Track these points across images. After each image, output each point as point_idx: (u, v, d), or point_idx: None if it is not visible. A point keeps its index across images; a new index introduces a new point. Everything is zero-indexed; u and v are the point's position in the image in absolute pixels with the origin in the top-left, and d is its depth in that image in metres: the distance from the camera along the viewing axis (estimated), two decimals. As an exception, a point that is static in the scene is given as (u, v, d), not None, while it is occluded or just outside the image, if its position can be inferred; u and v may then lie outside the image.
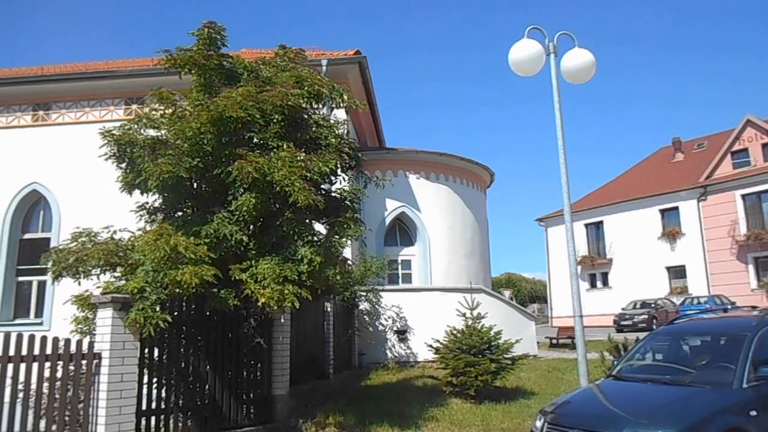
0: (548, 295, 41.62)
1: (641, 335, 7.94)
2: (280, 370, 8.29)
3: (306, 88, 8.07)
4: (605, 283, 37.37)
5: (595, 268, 37.52)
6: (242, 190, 7.17)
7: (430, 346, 10.81)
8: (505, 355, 10.20)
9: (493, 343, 10.22)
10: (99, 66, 16.12)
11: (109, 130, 7.59)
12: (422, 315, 14.88)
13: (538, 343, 17.40)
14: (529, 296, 54.71)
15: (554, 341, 20.71)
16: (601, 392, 5.98)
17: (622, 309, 30.18)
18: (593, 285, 37.79)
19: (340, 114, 12.13)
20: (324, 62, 14.27)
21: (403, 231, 17.57)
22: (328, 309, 11.52)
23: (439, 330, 10.92)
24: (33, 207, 15.07)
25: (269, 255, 7.12)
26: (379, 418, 8.33)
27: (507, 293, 41.38)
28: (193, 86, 8.20)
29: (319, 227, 8.11)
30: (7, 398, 6.33)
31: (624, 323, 27.64)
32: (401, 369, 13.90)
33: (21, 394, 6.36)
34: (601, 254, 37.32)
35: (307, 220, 7.60)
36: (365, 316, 14.88)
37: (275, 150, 7.34)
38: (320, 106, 8.89)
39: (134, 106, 14.80)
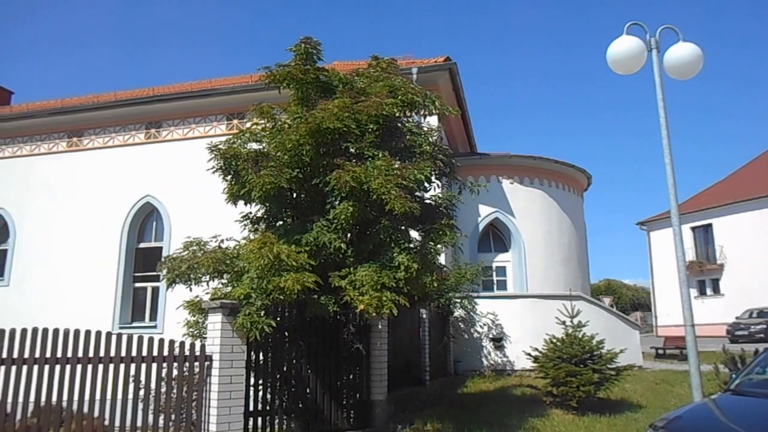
0: (652, 302, 39.46)
1: (760, 346, 7.36)
2: (379, 375, 8.39)
3: (399, 97, 8.16)
4: (716, 290, 34.93)
5: (703, 274, 35.16)
6: (340, 199, 7.36)
7: (529, 354, 10.56)
8: (609, 366, 9.77)
9: (595, 353, 9.83)
10: (203, 84, 17.10)
11: (216, 144, 8.03)
12: (518, 322, 14.58)
13: (643, 353, 16.52)
14: (631, 304, 52.10)
15: (661, 352, 19.59)
16: (719, 408, 5.59)
17: (737, 318, 28.08)
18: (702, 292, 35.41)
19: (433, 121, 12.18)
20: (414, 71, 14.37)
21: (497, 237, 17.32)
22: (424, 316, 11.55)
23: (537, 338, 10.65)
24: (147, 218, 16.19)
25: (367, 262, 7.25)
26: (477, 427, 8.24)
27: (607, 300, 39.56)
28: (291, 100, 8.52)
29: (415, 234, 8.17)
30: (116, 395, 6.83)
31: (739, 333, 25.71)
32: (498, 377, 13.66)
33: (138, 393, 6.87)
34: (711, 259, 34.92)
35: (403, 228, 7.66)
36: (460, 323, 14.77)
37: (371, 159, 7.48)
38: (413, 114, 8.97)
39: (235, 121, 15.57)
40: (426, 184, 8.08)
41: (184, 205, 15.20)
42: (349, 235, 7.70)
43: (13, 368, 6.67)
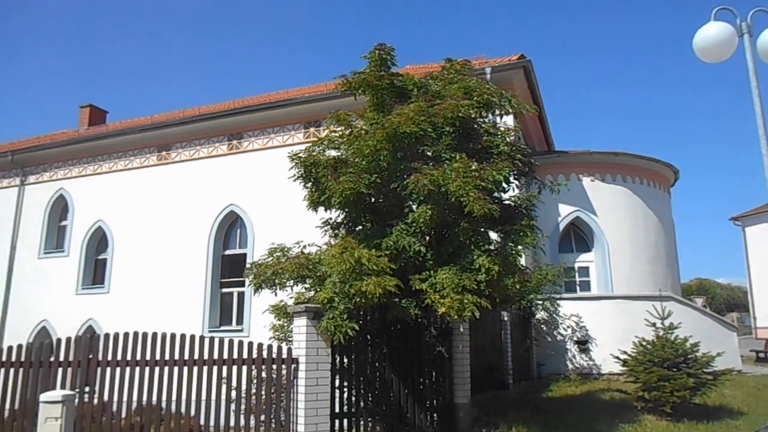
0: (750, 302, 36.91)
1: None
2: (461, 378, 8.35)
3: (475, 98, 8.11)
4: (822, 289, 32.31)
5: (808, 272, 32.60)
6: (418, 203, 7.39)
7: (617, 357, 10.15)
8: (705, 370, 9.25)
9: (689, 356, 9.33)
10: (280, 95, 17.64)
11: (296, 153, 8.26)
12: (604, 324, 14.07)
13: (741, 356, 15.53)
14: (726, 304, 49.20)
15: (762, 355, 18.35)
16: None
17: None
18: (807, 291, 32.84)
19: (509, 120, 12.02)
20: (488, 71, 14.20)
21: (578, 237, 16.80)
22: (505, 318, 11.38)
23: (624, 341, 10.23)
24: (231, 226, 16.85)
25: (447, 265, 7.24)
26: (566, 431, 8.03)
27: (699, 301, 37.43)
28: (366, 106, 8.65)
29: (494, 236, 8.09)
30: (210, 396, 7.14)
31: None
32: (584, 381, 13.24)
33: (230, 394, 7.16)
34: (816, 255, 32.33)
35: (483, 230, 7.60)
36: (542, 326, 14.44)
37: (448, 161, 7.48)
38: (489, 114, 8.88)
39: (312, 129, 15.95)
40: (504, 185, 7.98)
41: (266, 213, 15.71)
42: (428, 238, 7.72)
43: (118, 369, 7.13)
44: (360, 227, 8.43)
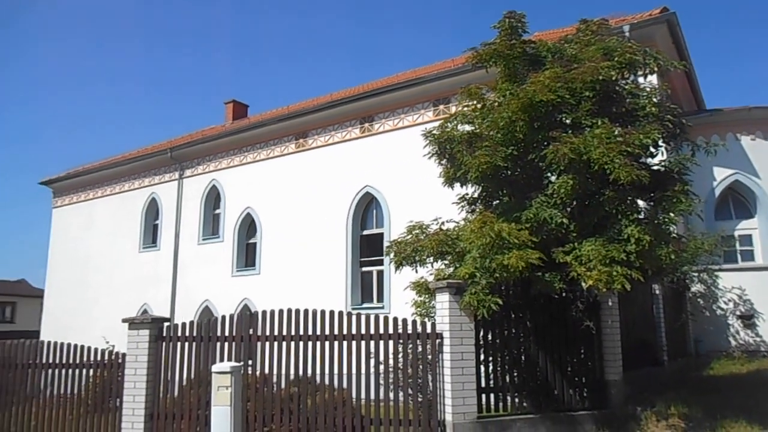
0: None
1: None
2: (612, 354, 8.00)
3: (616, 58, 7.64)
4: None
5: None
6: (558, 173, 7.13)
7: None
8: None
9: None
10: (408, 75, 17.76)
11: (430, 131, 8.30)
12: (774, 298, 12.75)
13: None
14: None
15: None
16: None
17: None
18: None
19: (653, 80, 11.15)
20: (626, 28, 13.22)
21: (738, 202, 15.26)
22: (657, 292, 10.71)
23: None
24: (367, 207, 17.36)
25: (591, 236, 6.95)
26: (732, 414, 7.42)
27: None
28: (498, 77, 8.45)
29: (642, 204, 7.61)
30: (360, 370, 7.43)
31: None
32: (750, 359, 12.14)
33: (378, 368, 7.42)
34: None
35: (630, 198, 7.18)
36: (698, 300, 13.40)
37: (589, 128, 7.13)
38: (631, 75, 8.31)
39: (441, 106, 15.89)
40: (652, 149, 7.49)
41: (400, 192, 15.97)
42: (569, 209, 7.43)
43: (275, 344, 7.68)
44: (497, 201, 8.32)
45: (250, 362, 7.82)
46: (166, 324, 8.25)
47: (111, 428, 7.99)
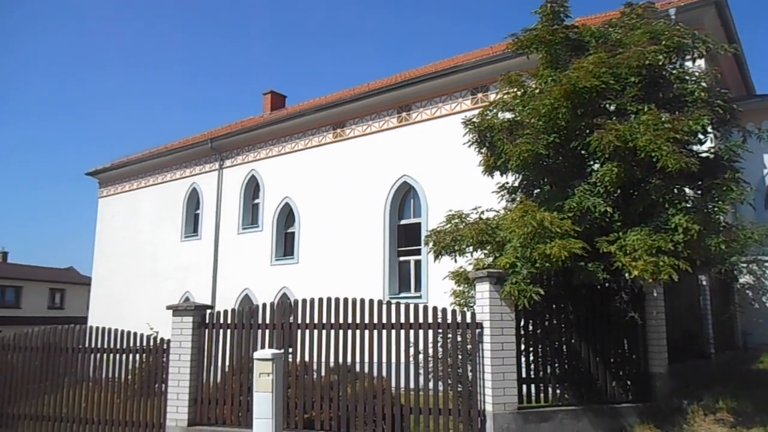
0: None
1: None
2: (657, 346, 7.82)
3: (663, 42, 7.40)
4: None
5: None
6: (603, 161, 6.96)
7: None
8: None
9: None
10: (446, 63, 17.58)
11: (470, 119, 8.20)
12: (829, 290, 12.25)
13: None
14: None
15: None
16: None
17: None
18: None
19: (701, 64, 10.78)
20: (672, 12, 12.79)
21: (791, 190, 14.69)
22: (704, 283, 10.40)
23: None
24: (405, 196, 17.32)
25: (637, 226, 6.78)
26: (784, 409, 7.17)
27: None
28: (539, 64, 8.30)
29: (689, 193, 7.38)
30: (399, 359, 7.42)
31: None
32: (802, 353, 11.69)
33: (418, 357, 7.41)
34: None
35: (678, 186, 6.98)
36: (747, 291, 12.95)
37: (635, 114, 6.96)
38: (679, 59, 8.04)
39: (479, 95, 15.70)
40: (701, 136, 7.24)
41: (438, 182, 15.88)
42: (614, 198, 7.26)
43: (315, 332, 7.75)
44: (538, 190, 8.19)
45: (290, 350, 7.91)
46: (208, 311, 8.40)
47: (157, 411, 8.20)
